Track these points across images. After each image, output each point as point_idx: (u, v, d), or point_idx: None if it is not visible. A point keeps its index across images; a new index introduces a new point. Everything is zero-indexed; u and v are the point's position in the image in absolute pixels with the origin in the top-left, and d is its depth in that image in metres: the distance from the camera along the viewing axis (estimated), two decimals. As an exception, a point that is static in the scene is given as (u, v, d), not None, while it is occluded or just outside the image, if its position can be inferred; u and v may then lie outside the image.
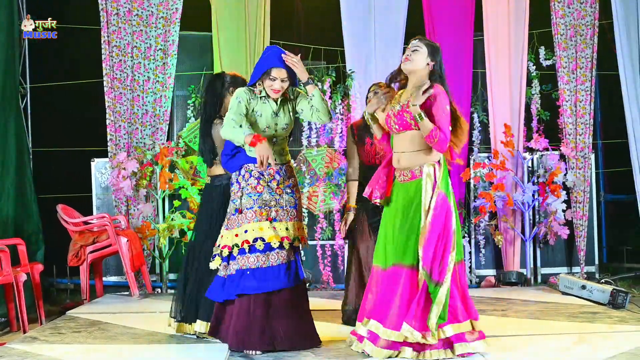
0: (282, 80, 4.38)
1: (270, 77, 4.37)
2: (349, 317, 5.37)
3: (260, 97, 4.46)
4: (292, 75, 4.40)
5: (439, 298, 4.08)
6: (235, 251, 4.39)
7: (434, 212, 4.14)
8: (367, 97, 5.36)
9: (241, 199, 4.42)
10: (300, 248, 4.57)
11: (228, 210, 4.52)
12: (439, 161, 4.26)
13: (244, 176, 4.46)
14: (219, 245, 4.50)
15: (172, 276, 7.63)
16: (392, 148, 4.39)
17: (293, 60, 4.34)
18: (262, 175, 4.44)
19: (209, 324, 4.65)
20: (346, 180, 5.55)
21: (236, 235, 4.40)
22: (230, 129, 4.29)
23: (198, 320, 4.78)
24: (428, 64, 4.31)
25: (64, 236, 6.92)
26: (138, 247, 6.92)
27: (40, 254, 7.31)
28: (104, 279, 7.37)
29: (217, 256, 4.49)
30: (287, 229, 4.44)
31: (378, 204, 4.46)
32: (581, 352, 4.38)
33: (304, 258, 7.04)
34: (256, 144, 4.17)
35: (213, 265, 4.50)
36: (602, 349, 4.44)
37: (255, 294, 4.34)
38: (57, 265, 7.69)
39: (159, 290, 7.45)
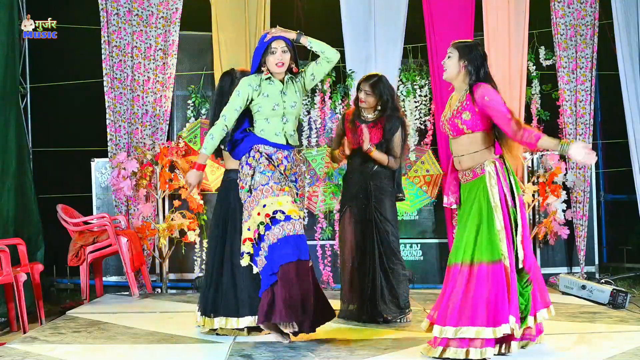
0: (283, 51, 4.50)
1: (271, 50, 4.49)
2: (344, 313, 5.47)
3: (266, 79, 4.56)
4: (290, 45, 4.54)
5: (529, 293, 4.18)
6: (262, 229, 4.41)
7: (521, 210, 4.22)
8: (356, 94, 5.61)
9: (253, 177, 4.49)
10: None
11: (243, 203, 4.57)
12: (500, 157, 4.31)
13: (254, 156, 4.54)
14: (244, 242, 4.51)
15: (172, 276, 7.64)
16: (452, 152, 4.43)
17: (274, 31, 4.51)
18: (271, 158, 4.53)
19: (228, 319, 4.81)
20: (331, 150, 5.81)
21: (258, 214, 4.43)
22: (208, 136, 4.54)
23: (217, 318, 4.87)
24: (461, 65, 4.32)
25: (64, 236, 6.92)
26: (138, 247, 6.93)
27: (40, 254, 7.31)
28: (104, 279, 7.37)
29: (244, 254, 4.50)
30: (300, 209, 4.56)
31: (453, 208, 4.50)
32: (581, 352, 4.38)
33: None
34: (191, 169, 4.51)
35: (244, 262, 4.51)
36: (602, 349, 4.44)
37: (292, 261, 4.34)
38: (57, 265, 7.71)
39: (159, 290, 7.45)
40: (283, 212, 4.38)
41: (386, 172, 5.56)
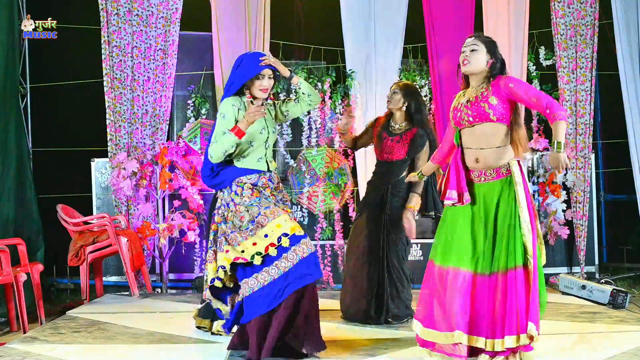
0: (270, 77, 4.39)
1: (259, 75, 4.36)
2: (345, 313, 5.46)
3: (249, 101, 4.41)
4: (276, 74, 4.46)
5: (543, 298, 4.05)
6: (259, 260, 4.13)
7: (531, 212, 4.06)
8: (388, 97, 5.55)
9: (247, 211, 4.26)
10: None
11: (224, 228, 4.32)
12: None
13: (236, 192, 4.33)
14: (217, 269, 4.24)
15: (172, 276, 7.64)
16: (463, 145, 4.20)
17: (271, 60, 4.39)
18: (256, 185, 4.33)
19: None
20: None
21: (254, 244, 4.18)
22: (218, 144, 4.24)
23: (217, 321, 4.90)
24: (488, 62, 4.14)
25: (64, 236, 6.92)
26: (138, 247, 6.93)
27: (40, 254, 7.31)
28: (104, 279, 7.37)
29: (216, 280, 4.25)
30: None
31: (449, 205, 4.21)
32: (581, 352, 4.38)
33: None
34: (238, 126, 4.22)
35: (209, 294, 4.34)
36: (602, 348, 4.44)
37: (298, 288, 4.14)
38: (57, 265, 7.71)
39: (159, 290, 7.46)
40: (286, 234, 4.18)
41: (406, 185, 5.45)
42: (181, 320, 5.52)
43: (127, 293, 6.98)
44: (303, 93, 4.53)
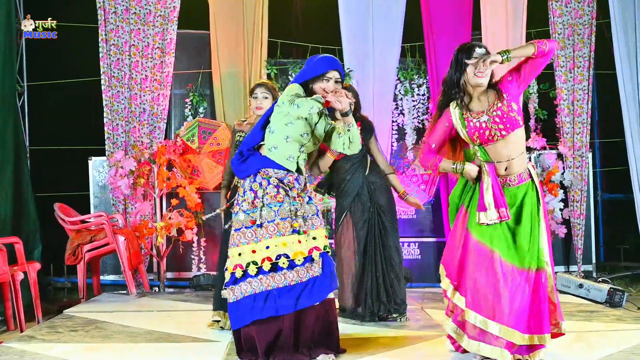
0: (336, 81, 4.15)
1: (325, 77, 4.13)
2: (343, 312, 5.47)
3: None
4: (341, 78, 4.21)
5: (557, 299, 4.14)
6: (253, 270, 4.03)
7: (546, 216, 4.14)
8: None
9: (261, 210, 4.06)
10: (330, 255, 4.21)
11: (237, 221, 4.13)
12: None
13: (261, 184, 4.10)
14: (226, 269, 4.14)
15: (169, 275, 7.64)
16: (492, 159, 4.10)
17: (343, 93, 4.05)
18: (282, 182, 4.11)
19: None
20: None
21: (253, 251, 4.05)
22: (309, 101, 3.99)
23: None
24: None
25: (62, 235, 6.91)
26: (135, 245, 6.92)
27: (38, 253, 7.30)
28: (102, 277, 7.37)
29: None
30: (314, 238, 4.14)
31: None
32: (578, 351, 4.38)
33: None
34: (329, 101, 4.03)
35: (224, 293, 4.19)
36: (600, 347, 4.44)
37: (288, 313, 4.01)
38: (54, 263, 7.71)
39: (157, 289, 7.45)
40: (287, 257, 4.03)
41: (376, 171, 5.60)
42: (179, 318, 5.51)
43: (125, 292, 6.97)
44: (349, 137, 4.19)
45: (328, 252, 4.18)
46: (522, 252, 4.05)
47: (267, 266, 4.01)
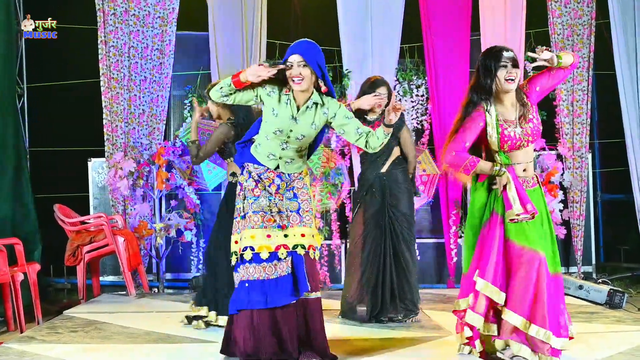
0: (299, 65, 4.01)
1: (287, 63, 4.03)
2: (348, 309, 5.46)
3: (285, 95, 4.09)
4: (312, 63, 4.04)
5: None
6: (234, 259, 4.13)
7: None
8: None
9: (243, 202, 4.13)
10: (311, 256, 4.14)
11: (235, 210, 4.23)
12: None
13: (244, 176, 4.17)
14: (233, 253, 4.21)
15: (168, 276, 7.64)
16: (510, 163, 4.12)
17: (395, 104, 4.06)
18: (261, 178, 4.13)
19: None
20: None
21: (235, 242, 4.14)
22: (220, 84, 4.02)
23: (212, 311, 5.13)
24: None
25: (61, 236, 6.92)
26: (135, 246, 6.92)
27: (37, 254, 7.30)
28: (101, 278, 7.36)
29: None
30: (285, 235, 4.08)
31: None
32: (578, 352, 4.38)
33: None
34: (240, 73, 3.96)
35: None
36: (599, 348, 4.45)
37: (257, 309, 4.01)
38: (54, 264, 7.70)
39: (156, 289, 7.45)
40: (252, 249, 4.02)
41: (400, 167, 5.56)
42: (178, 319, 5.51)
43: (124, 293, 6.97)
44: (375, 138, 4.13)
45: (300, 253, 4.09)
46: (552, 256, 4.16)
47: (239, 257, 4.08)
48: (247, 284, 4.03)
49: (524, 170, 4.15)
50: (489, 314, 4.10)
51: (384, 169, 5.53)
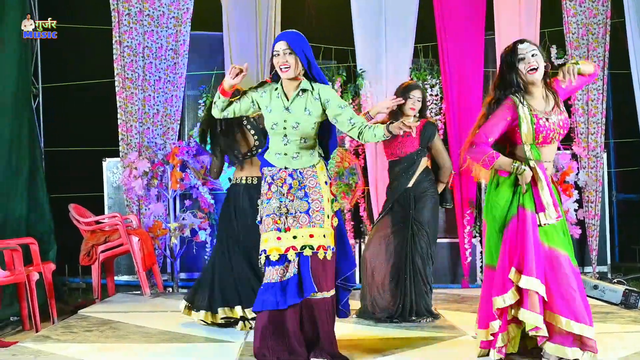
0: (285, 53, 4.07)
1: (274, 52, 4.10)
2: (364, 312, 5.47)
3: (275, 90, 4.18)
4: (297, 50, 4.08)
5: None
6: (275, 256, 4.14)
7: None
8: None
9: (260, 206, 4.23)
10: (320, 257, 4.11)
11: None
12: None
13: (264, 180, 4.25)
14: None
15: (183, 275, 7.66)
16: (540, 159, 4.10)
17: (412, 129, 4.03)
18: (274, 179, 4.19)
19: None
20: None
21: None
22: (214, 103, 4.18)
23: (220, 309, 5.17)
24: (545, 64, 4.11)
25: (76, 235, 6.95)
26: (149, 246, 6.94)
27: (53, 253, 7.34)
28: (116, 278, 7.39)
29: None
30: (294, 237, 4.10)
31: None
32: (593, 352, 4.36)
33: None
34: (222, 83, 4.08)
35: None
36: (615, 349, 4.42)
37: (265, 310, 4.08)
38: (69, 264, 7.74)
39: (170, 289, 7.47)
40: (265, 252, 4.11)
41: (428, 178, 5.57)
42: (192, 319, 5.52)
43: (139, 292, 7.00)
44: (374, 135, 4.11)
45: (307, 254, 4.09)
46: (572, 253, 4.12)
47: (262, 260, 4.17)
48: (262, 287, 4.12)
49: (547, 169, 4.12)
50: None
51: (411, 183, 5.53)
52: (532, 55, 4.04)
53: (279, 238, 4.10)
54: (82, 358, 4.39)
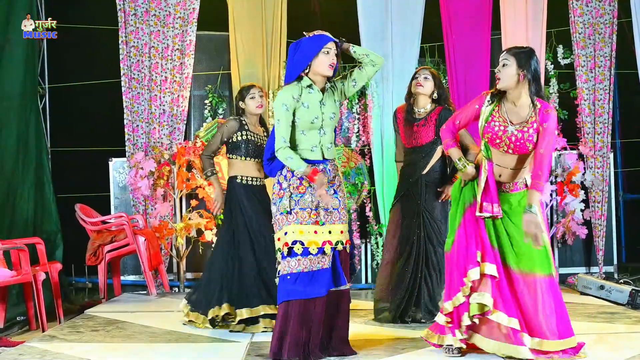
0: (335, 53, 4.23)
1: (325, 50, 4.19)
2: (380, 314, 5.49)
3: (306, 87, 4.26)
4: (338, 52, 4.28)
5: None
6: (279, 256, 4.22)
7: (546, 226, 4.19)
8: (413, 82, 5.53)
9: (288, 200, 4.21)
10: (347, 251, 4.30)
11: (273, 211, 4.33)
12: None
13: (285, 176, 4.24)
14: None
15: (189, 275, 7.66)
16: (492, 159, 4.21)
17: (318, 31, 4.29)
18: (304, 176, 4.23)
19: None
20: (395, 161, 5.82)
21: (278, 239, 4.23)
22: (287, 159, 4.17)
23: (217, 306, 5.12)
24: (519, 75, 4.08)
25: (83, 235, 6.96)
26: (155, 246, 6.95)
27: (59, 253, 7.36)
28: (122, 278, 7.40)
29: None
30: (330, 232, 4.22)
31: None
32: (600, 353, 4.34)
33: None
34: (314, 176, 4.12)
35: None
36: (621, 349, 4.41)
37: (296, 299, 4.13)
38: (75, 264, 7.75)
39: (177, 289, 7.48)
40: (302, 244, 4.15)
41: (440, 168, 5.52)
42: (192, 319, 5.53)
43: (145, 292, 7.01)
44: (359, 57, 4.30)
45: (339, 249, 4.25)
46: (522, 255, 4.13)
47: (285, 251, 4.17)
48: (288, 277, 4.15)
49: (500, 175, 4.19)
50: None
51: (424, 171, 5.48)
52: (503, 66, 4.13)
53: (315, 232, 4.21)
54: (88, 358, 4.40)
